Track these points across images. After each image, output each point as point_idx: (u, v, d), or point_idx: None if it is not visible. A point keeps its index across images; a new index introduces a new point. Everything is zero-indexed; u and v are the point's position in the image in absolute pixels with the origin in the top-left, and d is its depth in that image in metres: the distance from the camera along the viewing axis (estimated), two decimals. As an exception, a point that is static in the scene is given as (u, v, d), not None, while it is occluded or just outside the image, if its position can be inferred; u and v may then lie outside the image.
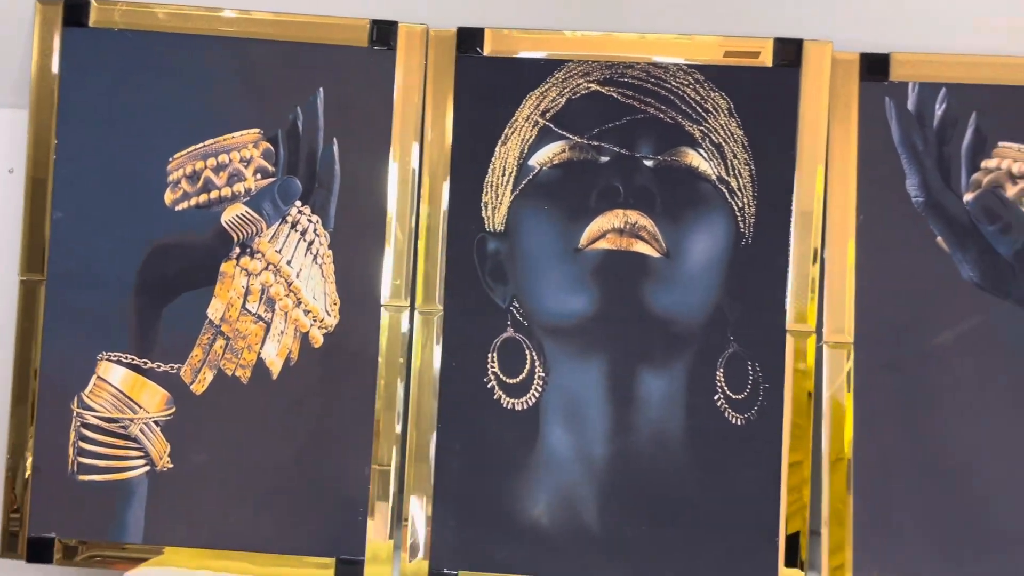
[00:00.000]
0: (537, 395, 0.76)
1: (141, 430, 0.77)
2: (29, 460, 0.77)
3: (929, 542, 0.72)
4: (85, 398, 0.77)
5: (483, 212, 0.77)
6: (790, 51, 0.75)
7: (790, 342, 0.74)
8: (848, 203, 0.74)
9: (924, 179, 0.74)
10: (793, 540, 0.73)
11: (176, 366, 0.77)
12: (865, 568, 0.72)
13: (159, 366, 0.77)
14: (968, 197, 0.73)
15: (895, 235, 0.74)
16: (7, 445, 0.77)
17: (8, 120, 0.82)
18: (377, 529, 0.76)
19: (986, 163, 0.74)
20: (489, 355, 0.76)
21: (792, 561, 0.73)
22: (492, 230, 0.77)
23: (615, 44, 0.76)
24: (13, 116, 0.81)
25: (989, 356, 0.73)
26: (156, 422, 0.77)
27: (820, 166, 0.75)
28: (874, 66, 0.75)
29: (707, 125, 0.76)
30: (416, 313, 0.77)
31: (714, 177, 0.76)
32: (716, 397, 0.75)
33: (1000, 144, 0.74)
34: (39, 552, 0.76)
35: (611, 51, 0.76)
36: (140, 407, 0.77)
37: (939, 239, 0.74)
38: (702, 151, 0.76)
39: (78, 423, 0.77)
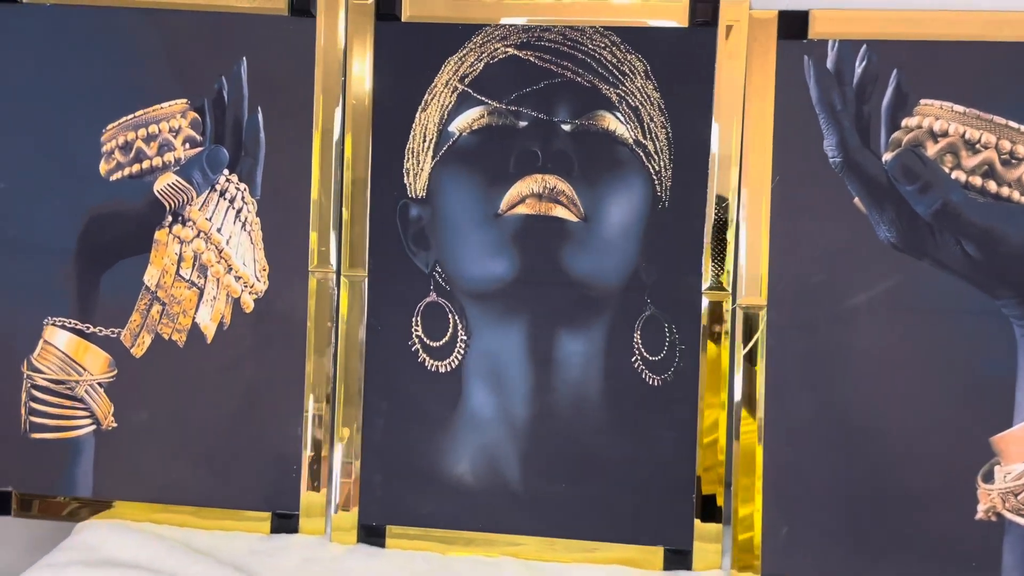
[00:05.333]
0: (460, 358, 0.78)
1: (86, 391, 0.81)
2: (-17, 420, 0.81)
3: (835, 500, 0.73)
4: (34, 361, 0.81)
5: (405, 178, 0.78)
6: (706, 10, 0.74)
7: (705, 304, 0.75)
8: (764, 165, 0.74)
9: (842, 139, 0.73)
10: (709, 496, 0.75)
11: (117, 330, 0.80)
12: (774, 524, 0.73)
13: (100, 330, 0.80)
14: (887, 157, 0.72)
15: (811, 197, 0.73)
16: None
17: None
18: (310, 485, 0.79)
19: (907, 121, 0.72)
20: (413, 319, 0.78)
21: (707, 516, 0.75)
22: (414, 196, 0.78)
23: (532, 7, 0.76)
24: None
25: (903, 318, 0.72)
26: (100, 383, 0.81)
27: (737, 128, 0.74)
28: (792, 24, 0.73)
29: (624, 88, 0.75)
30: (342, 278, 0.79)
31: (631, 140, 0.75)
32: (633, 359, 0.76)
33: (922, 101, 0.72)
34: (-4, 504, 0.82)
35: (528, 14, 0.76)
36: (84, 369, 0.81)
37: (856, 200, 0.73)
38: (619, 114, 0.75)
39: (28, 384, 0.81)
